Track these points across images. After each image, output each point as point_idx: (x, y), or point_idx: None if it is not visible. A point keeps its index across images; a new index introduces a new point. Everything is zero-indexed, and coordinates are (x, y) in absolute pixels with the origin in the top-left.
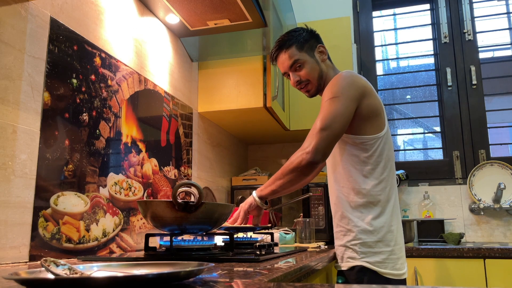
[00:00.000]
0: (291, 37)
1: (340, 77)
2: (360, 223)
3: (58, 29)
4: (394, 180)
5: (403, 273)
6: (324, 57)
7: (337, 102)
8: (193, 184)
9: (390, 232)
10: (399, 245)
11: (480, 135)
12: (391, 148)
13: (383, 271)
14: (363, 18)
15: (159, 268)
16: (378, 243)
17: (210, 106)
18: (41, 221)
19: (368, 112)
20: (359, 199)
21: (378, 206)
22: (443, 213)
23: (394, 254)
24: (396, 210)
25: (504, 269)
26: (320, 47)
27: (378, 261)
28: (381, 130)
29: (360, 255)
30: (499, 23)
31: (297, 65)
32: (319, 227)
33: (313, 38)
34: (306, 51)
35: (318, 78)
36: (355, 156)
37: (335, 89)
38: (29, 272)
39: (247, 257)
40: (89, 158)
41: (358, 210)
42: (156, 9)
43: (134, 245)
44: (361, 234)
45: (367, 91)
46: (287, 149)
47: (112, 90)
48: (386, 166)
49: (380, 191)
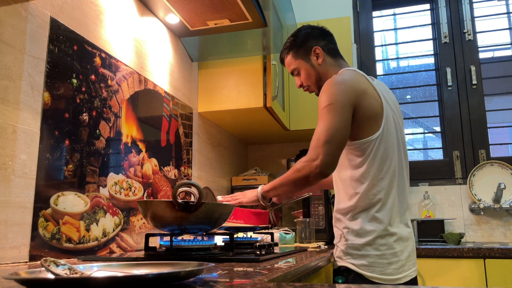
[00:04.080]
0: (289, 43)
1: (332, 83)
2: (349, 225)
3: (58, 29)
4: (394, 182)
5: (395, 278)
6: (319, 60)
7: (333, 111)
8: (193, 184)
9: (381, 237)
10: (393, 249)
11: (480, 135)
12: (390, 147)
13: (369, 274)
14: (363, 18)
15: (159, 268)
16: (365, 246)
17: (210, 106)
18: (41, 221)
19: (364, 115)
20: (351, 203)
21: (371, 210)
22: (443, 213)
23: (385, 258)
24: (395, 213)
25: (504, 269)
26: (315, 50)
27: (364, 264)
28: (374, 133)
29: (345, 256)
30: (499, 23)
31: (295, 72)
32: (319, 227)
33: (311, 38)
34: (301, 57)
35: (315, 81)
36: (349, 160)
37: (328, 96)
38: (29, 272)
39: (247, 257)
40: (89, 158)
41: (349, 213)
42: (156, 9)
43: (134, 245)
44: (348, 235)
45: (360, 94)
46: (287, 149)
47: (112, 90)
48: (381, 169)
49: (373, 195)
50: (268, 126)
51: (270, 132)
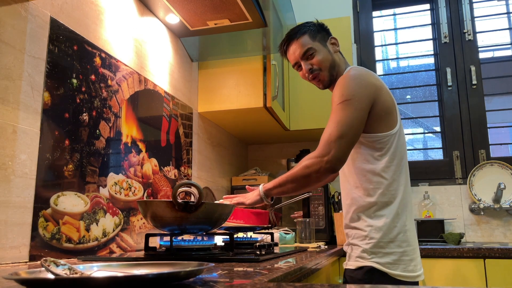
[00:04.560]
0: (303, 27)
1: (349, 77)
2: (372, 223)
3: (58, 29)
4: (408, 178)
5: (416, 275)
6: (336, 48)
7: (350, 106)
8: (193, 184)
9: (403, 233)
10: (411, 246)
11: (480, 135)
12: (404, 145)
13: (393, 272)
14: (363, 18)
15: (159, 268)
16: (389, 244)
17: (210, 106)
18: (41, 221)
19: (381, 110)
20: (372, 199)
21: (392, 205)
22: (443, 213)
23: (406, 255)
24: (409, 209)
25: (504, 269)
26: (332, 39)
27: (389, 262)
28: (394, 127)
29: (370, 255)
30: (499, 23)
31: (310, 53)
32: (319, 227)
33: (324, 30)
34: (319, 40)
35: (330, 67)
36: (368, 155)
37: (346, 91)
38: (29, 272)
39: (247, 257)
40: (89, 158)
41: (371, 210)
42: (156, 9)
43: (134, 245)
44: (373, 233)
45: (378, 89)
46: (287, 149)
47: (112, 90)
48: (400, 164)
49: (394, 190)
50: (268, 126)
51: (270, 132)
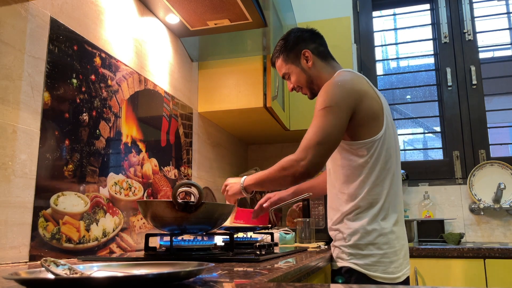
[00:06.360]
0: (279, 47)
1: (333, 84)
2: (352, 225)
3: (58, 29)
4: (395, 181)
5: (396, 277)
6: (309, 63)
7: (330, 114)
8: (193, 184)
9: (384, 235)
10: (394, 248)
11: (480, 135)
12: (391, 148)
13: (372, 274)
14: (363, 18)
15: (159, 268)
16: (369, 246)
17: (210, 106)
18: (41, 221)
19: (365, 116)
20: (354, 203)
21: (373, 209)
22: (443, 213)
23: (387, 257)
24: (397, 212)
25: (504, 269)
26: (305, 53)
27: (368, 264)
28: (378, 132)
29: (348, 256)
30: (499, 23)
31: (286, 77)
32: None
33: (301, 42)
34: (291, 61)
35: (307, 84)
36: (351, 161)
37: (327, 97)
38: (29, 272)
39: (247, 257)
40: (89, 158)
41: (352, 213)
42: (156, 9)
43: (134, 245)
44: (351, 236)
45: (362, 95)
46: (287, 149)
47: (112, 90)
48: (384, 168)
49: (377, 195)
50: (268, 126)
51: (270, 132)
